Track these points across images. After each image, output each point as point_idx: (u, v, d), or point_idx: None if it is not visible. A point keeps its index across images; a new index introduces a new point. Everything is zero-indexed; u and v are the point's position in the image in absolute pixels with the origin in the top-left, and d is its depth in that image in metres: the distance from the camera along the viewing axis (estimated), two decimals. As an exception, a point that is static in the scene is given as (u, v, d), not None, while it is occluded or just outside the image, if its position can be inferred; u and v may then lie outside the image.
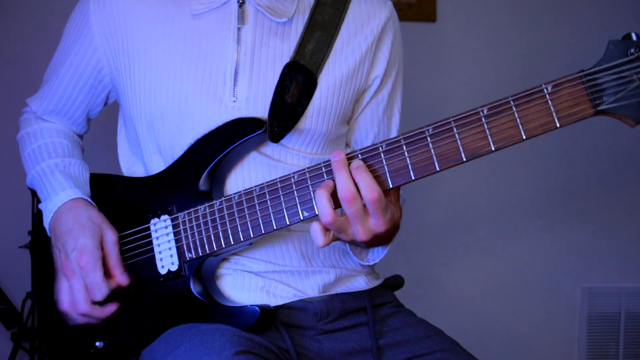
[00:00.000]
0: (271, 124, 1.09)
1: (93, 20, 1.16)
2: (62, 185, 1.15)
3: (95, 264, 1.07)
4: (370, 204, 0.95)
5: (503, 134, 0.92)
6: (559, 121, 0.90)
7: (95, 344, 1.15)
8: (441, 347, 1.10)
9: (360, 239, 0.97)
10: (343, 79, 1.14)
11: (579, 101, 0.90)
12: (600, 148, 2.48)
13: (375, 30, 1.17)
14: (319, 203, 0.96)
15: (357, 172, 0.95)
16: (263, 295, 1.11)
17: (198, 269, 1.10)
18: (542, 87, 0.91)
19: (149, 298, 1.13)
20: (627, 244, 2.54)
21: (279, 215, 1.03)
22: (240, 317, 1.07)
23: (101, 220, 1.11)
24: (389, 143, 0.97)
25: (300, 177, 1.02)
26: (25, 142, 1.26)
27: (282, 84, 1.09)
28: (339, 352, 1.12)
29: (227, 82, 1.10)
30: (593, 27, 2.41)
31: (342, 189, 0.95)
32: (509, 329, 2.51)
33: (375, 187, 0.94)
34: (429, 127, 0.96)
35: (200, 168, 1.10)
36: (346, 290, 1.16)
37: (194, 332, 1.05)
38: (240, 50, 1.11)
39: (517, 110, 0.92)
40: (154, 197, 1.14)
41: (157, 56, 1.12)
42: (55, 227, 1.13)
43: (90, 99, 1.23)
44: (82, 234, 1.08)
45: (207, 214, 1.08)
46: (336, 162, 0.97)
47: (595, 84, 0.89)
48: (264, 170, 1.12)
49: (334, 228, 0.97)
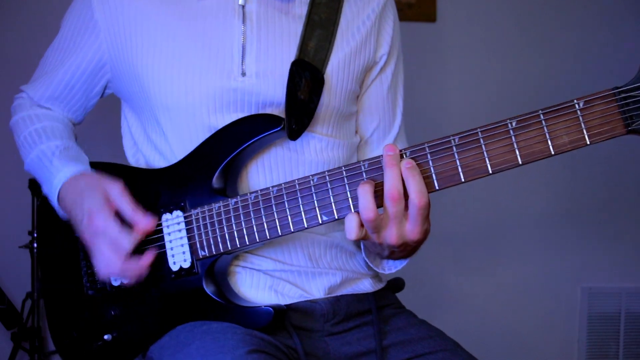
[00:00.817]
0: (289, 121, 1.07)
1: (95, 6, 1.14)
2: (62, 164, 1.14)
3: (106, 220, 1.04)
4: (416, 209, 0.91)
5: (531, 148, 0.91)
6: (589, 139, 0.89)
7: (104, 336, 1.14)
8: (442, 347, 1.11)
9: (390, 243, 0.94)
10: (349, 58, 1.14)
11: (611, 119, 0.88)
12: (601, 149, 2.45)
13: (376, 8, 1.18)
14: (363, 198, 0.92)
15: (410, 173, 0.91)
16: (272, 294, 1.11)
17: (211, 267, 1.09)
18: (574, 103, 0.89)
19: (158, 294, 1.11)
20: (627, 244, 2.55)
21: (297, 218, 1.02)
22: (254, 317, 1.06)
23: (99, 180, 1.09)
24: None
25: (320, 180, 1.00)
26: (20, 126, 1.23)
27: (293, 81, 1.08)
28: (345, 353, 1.12)
29: (234, 59, 1.09)
30: (593, 27, 2.41)
31: (390, 187, 0.91)
32: (509, 329, 2.53)
33: (426, 193, 0.91)
34: (455, 137, 0.94)
35: (214, 164, 1.08)
36: (351, 292, 1.16)
37: (205, 330, 1.04)
38: (246, 26, 1.10)
39: (547, 124, 0.90)
40: (165, 191, 1.12)
41: (160, 41, 1.10)
42: (64, 207, 1.12)
43: (87, 86, 1.20)
44: (84, 199, 1.07)
45: (222, 212, 1.06)
46: (390, 156, 0.92)
47: (628, 102, 0.87)
48: (280, 166, 1.11)
49: (371, 226, 0.93)
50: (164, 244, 1.10)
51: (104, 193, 1.06)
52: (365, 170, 0.97)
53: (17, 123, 1.24)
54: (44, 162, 1.16)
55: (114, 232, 1.04)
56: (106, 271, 1.06)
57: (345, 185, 0.99)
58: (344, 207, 0.99)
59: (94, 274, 1.16)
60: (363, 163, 0.98)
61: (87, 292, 1.17)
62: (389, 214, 0.92)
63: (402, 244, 0.95)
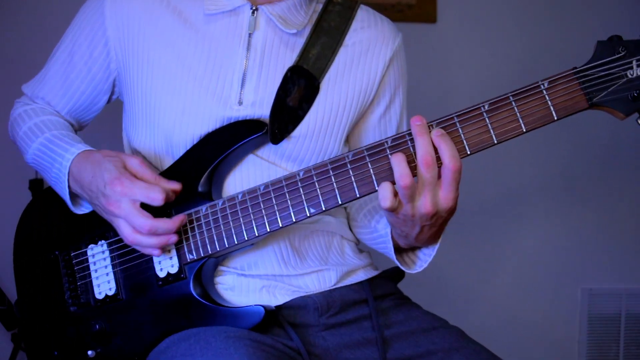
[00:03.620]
0: (272, 125, 1.11)
1: (107, 15, 1.14)
2: (69, 144, 1.12)
3: (130, 180, 1.02)
4: (450, 173, 0.94)
5: (505, 127, 0.98)
6: (556, 114, 0.97)
7: (88, 352, 1.11)
8: (447, 339, 1.11)
9: (424, 211, 0.96)
10: (348, 97, 1.16)
11: (574, 95, 0.97)
12: (601, 149, 2.51)
13: (387, 55, 1.19)
14: (398, 165, 0.94)
15: (442, 139, 0.95)
16: (263, 296, 1.11)
17: (198, 271, 1.09)
18: (539, 83, 0.97)
19: (145, 303, 1.10)
20: (627, 245, 2.55)
21: (285, 213, 1.04)
22: (244, 318, 1.06)
23: (116, 153, 1.07)
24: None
25: (305, 174, 1.04)
26: (18, 123, 1.21)
27: (285, 87, 1.11)
28: (345, 346, 1.12)
29: (234, 86, 1.11)
30: (592, 27, 2.43)
31: (424, 153, 0.94)
32: (509, 330, 2.50)
33: (458, 157, 0.95)
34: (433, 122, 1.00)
35: (200, 169, 1.10)
36: (345, 284, 1.17)
37: (202, 345, 1.00)
38: (249, 56, 1.12)
39: (517, 105, 0.98)
40: None
41: (166, 57, 1.12)
42: (81, 185, 1.08)
43: (92, 90, 1.20)
44: (103, 169, 1.04)
45: (209, 214, 1.08)
46: (418, 126, 0.95)
47: (587, 80, 0.96)
48: (261, 172, 1.13)
49: (407, 194, 0.94)
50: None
51: (121, 162, 1.05)
52: (350, 161, 1.02)
53: (16, 120, 1.22)
54: (50, 147, 1.13)
55: (142, 188, 1.01)
56: (135, 236, 1.02)
57: (331, 177, 1.02)
58: (330, 197, 1.03)
59: (77, 288, 1.14)
60: (347, 154, 1.02)
61: (69, 308, 1.14)
62: (424, 180, 0.95)
63: (434, 213, 0.96)
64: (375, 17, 1.22)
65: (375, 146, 1.01)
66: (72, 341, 1.12)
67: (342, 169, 1.02)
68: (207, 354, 0.98)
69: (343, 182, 1.02)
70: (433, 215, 0.97)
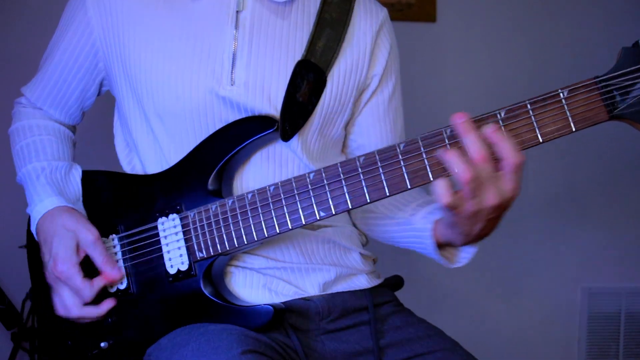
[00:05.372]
0: (283, 122, 1.09)
1: (89, 6, 1.14)
2: (45, 193, 1.15)
3: (69, 270, 1.08)
4: (511, 167, 0.91)
5: (521, 137, 0.95)
6: (574, 125, 0.93)
7: (100, 344, 1.13)
8: (441, 347, 1.12)
9: (490, 203, 0.92)
10: (346, 75, 1.15)
11: (594, 106, 0.93)
12: (601, 149, 2.49)
13: (374, 27, 1.18)
14: (453, 161, 0.90)
15: (499, 134, 0.91)
16: (265, 293, 1.12)
17: (208, 269, 1.09)
18: (559, 92, 0.94)
19: (156, 298, 1.11)
20: (627, 244, 2.55)
21: (295, 216, 1.03)
22: (253, 316, 1.07)
23: (76, 224, 1.10)
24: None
25: (316, 176, 1.02)
26: (15, 137, 1.24)
27: (294, 83, 1.10)
28: (342, 352, 1.13)
29: (224, 66, 1.10)
30: (592, 27, 2.41)
31: (476, 150, 0.90)
32: (509, 329, 2.52)
33: (519, 150, 0.91)
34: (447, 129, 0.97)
35: (210, 166, 1.10)
36: (347, 289, 1.17)
37: (202, 332, 1.04)
38: (238, 34, 1.11)
39: (534, 114, 0.94)
40: (160, 196, 1.13)
41: (153, 40, 1.11)
42: (39, 237, 1.14)
43: (84, 85, 1.21)
44: (54, 243, 1.09)
45: (219, 213, 1.07)
46: (463, 123, 0.91)
47: (609, 90, 0.92)
48: (271, 169, 1.12)
49: (471, 187, 0.91)
50: (160, 248, 1.11)
51: (75, 240, 1.09)
52: (361, 165, 1.00)
53: (13, 133, 1.24)
54: (29, 184, 1.17)
55: (77, 282, 1.08)
56: (64, 313, 1.11)
57: (341, 181, 1.01)
58: (341, 202, 1.02)
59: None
60: (358, 158, 1.00)
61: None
62: (484, 175, 0.91)
63: (499, 204, 0.93)
64: (365, 1, 1.21)
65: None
66: (85, 332, 1.14)
67: (353, 173, 1.00)
68: (201, 340, 1.01)
69: (354, 186, 1.00)
70: (498, 207, 0.94)
